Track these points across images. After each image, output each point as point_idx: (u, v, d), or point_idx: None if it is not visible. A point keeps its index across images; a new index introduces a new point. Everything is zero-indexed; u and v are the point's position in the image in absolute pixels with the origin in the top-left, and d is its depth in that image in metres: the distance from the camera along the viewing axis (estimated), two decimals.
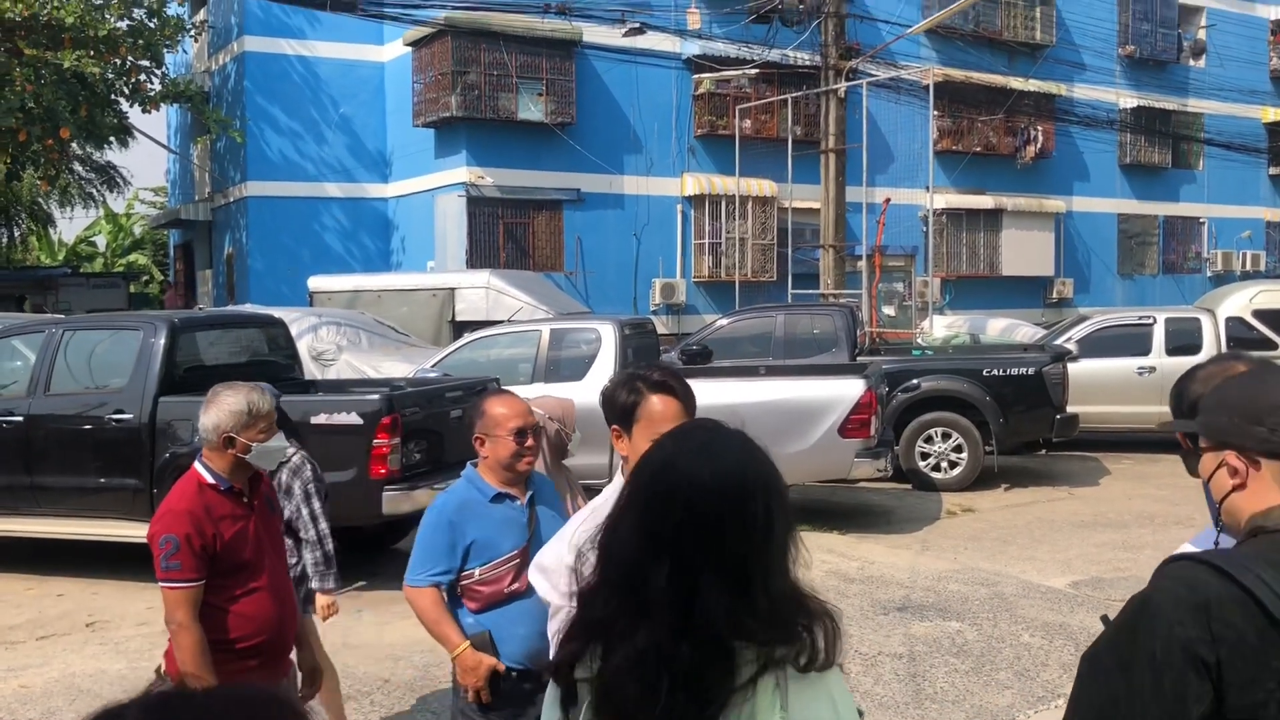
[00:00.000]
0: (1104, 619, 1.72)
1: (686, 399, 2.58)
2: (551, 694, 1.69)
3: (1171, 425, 2.02)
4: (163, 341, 7.78)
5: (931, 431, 11.14)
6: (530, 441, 3.32)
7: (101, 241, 37.06)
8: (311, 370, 10.95)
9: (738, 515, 1.53)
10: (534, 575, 2.65)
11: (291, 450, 4.47)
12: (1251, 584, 1.53)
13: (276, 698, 1.01)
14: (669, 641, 1.50)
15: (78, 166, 27.83)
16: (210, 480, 3.36)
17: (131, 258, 35.64)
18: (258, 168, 21.55)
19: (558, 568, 2.45)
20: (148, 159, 41.85)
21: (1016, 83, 24.55)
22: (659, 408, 2.53)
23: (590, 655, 1.58)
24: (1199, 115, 28.45)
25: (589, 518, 2.48)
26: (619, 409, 2.59)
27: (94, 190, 30.22)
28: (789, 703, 1.52)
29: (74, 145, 21.07)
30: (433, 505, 3.37)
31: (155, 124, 27.76)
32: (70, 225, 63.91)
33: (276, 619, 3.45)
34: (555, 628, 2.45)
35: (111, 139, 21.29)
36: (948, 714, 5.29)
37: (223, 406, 3.40)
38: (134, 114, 20.34)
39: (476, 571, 3.24)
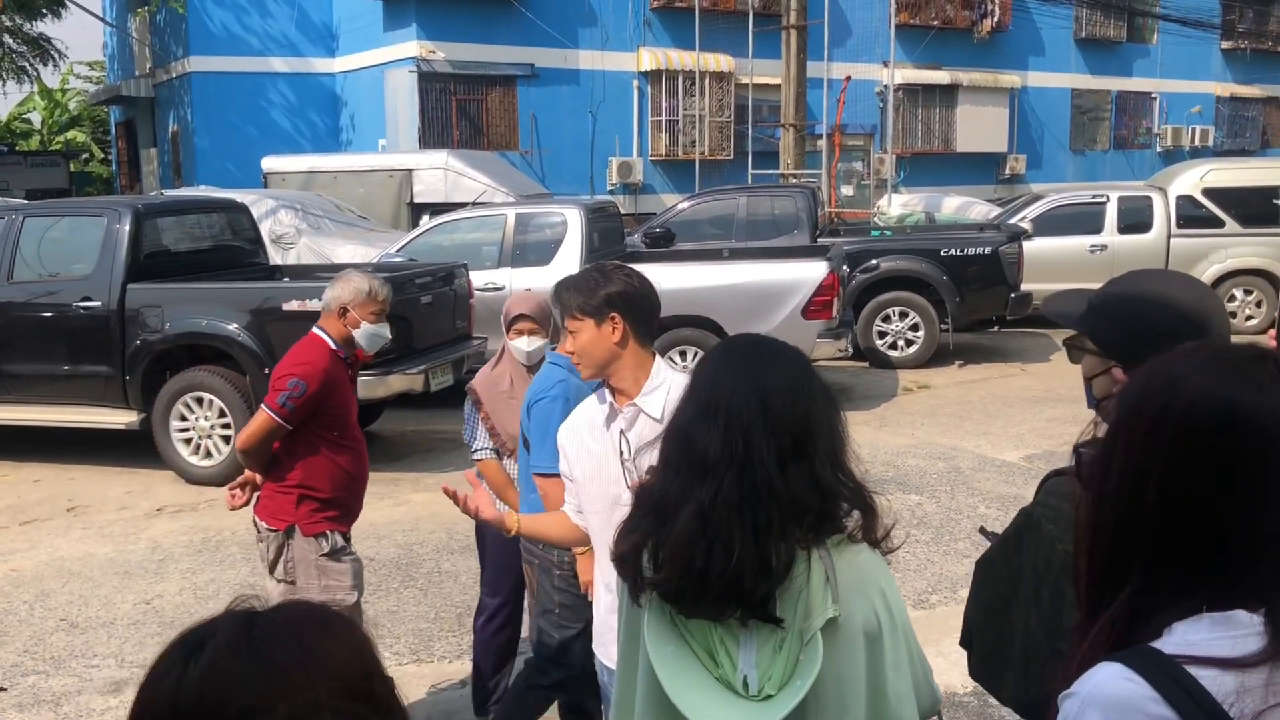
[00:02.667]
0: (981, 530, 1.85)
1: (546, 308, 2.78)
2: (621, 589, 1.77)
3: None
4: (128, 228, 7.71)
5: (889, 311, 11.37)
6: None
7: (37, 118, 35.79)
8: (272, 255, 10.87)
9: (789, 396, 1.65)
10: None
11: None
12: None
13: (338, 615, 1.12)
14: (734, 492, 1.59)
15: (8, 39, 26.69)
16: (332, 346, 3.84)
17: (69, 135, 34.51)
18: (200, 42, 20.85)
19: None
20: (82, 31, 40.17)
21: None
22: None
23: (649, 540, 1.66)
24: None
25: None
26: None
27: (27, 64, 29.06)
28: (840, 595, 1.62)
29: (3, 16, 20.21)
30: (559, 395, 3.23)
31: None
32: (2, 101, 61.47)
33: (361, 478, 3.94)
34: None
35: (44, 10, 20.44)
36: (911, 582, 5.59)
37: (348, 283, 3.88)
38: None
39: None
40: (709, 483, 1.60)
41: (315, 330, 3.91)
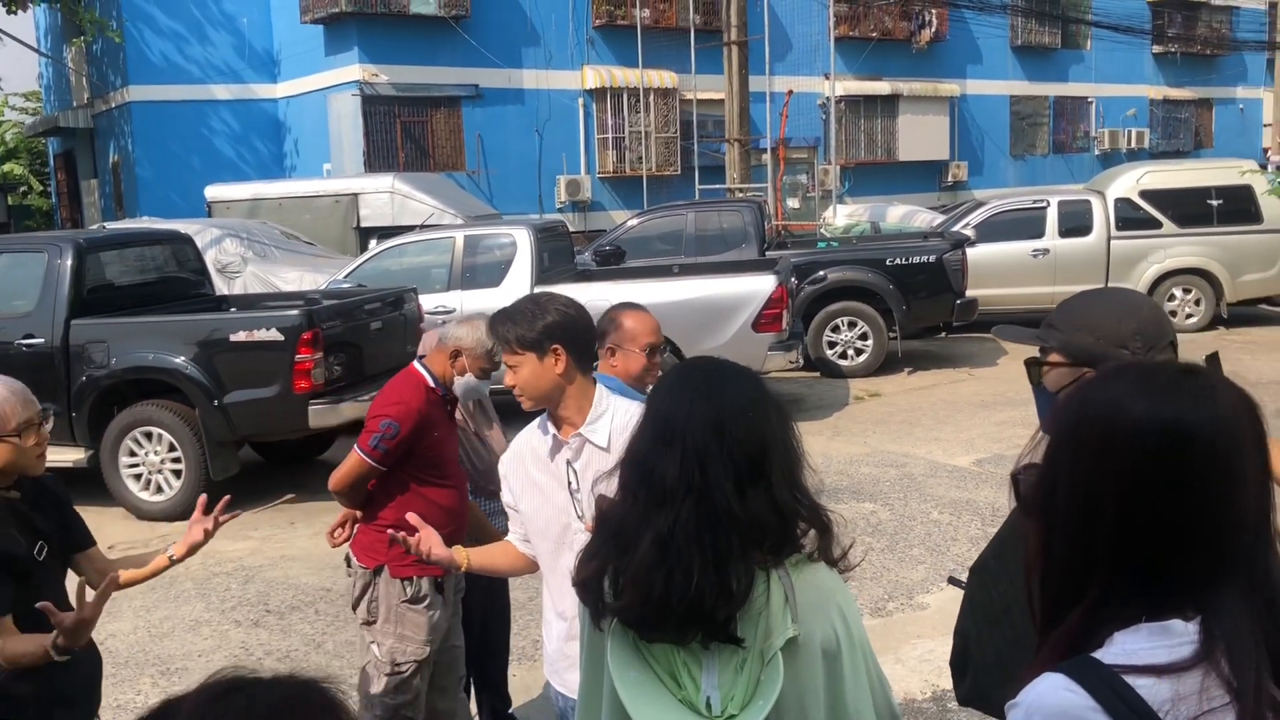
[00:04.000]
0: (951, 580, 1.87)
1: (500, 338, 2.69)
2: (583, 615, 1.79)
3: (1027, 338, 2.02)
4: (70, 263, 7.61)
5: (838, 321, 11.50)
6: (658, 359, 3.36)
7: None
8: (218, 285, 10.77)
9: (744, 418, 1.67)
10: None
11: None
12: None
13: (318, 688, 1.07)
14: (691, 519, 1.61)
15: None
16: (431, 383, 3.72)
17: (6, 168, 33.83)
18: (139, 71, 20.62)
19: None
20: (15, 62, 39.48)
21: None
22: None
23: (609, 567, 1.68)
24: None
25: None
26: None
27: None
28: (799, 615, 1.65)
29: None
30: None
31: (23, 24, 26.22)
32: None
33: (461, 518, 3.79)
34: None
35: None
36: (867, 589, 5.65)
37: (474, 329, 3.73)
38: None
39: None
40: (667, 510, 1.62)
41: (417, 365, 3.77)
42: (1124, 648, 1.18)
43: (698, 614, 1.59)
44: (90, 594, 2.53)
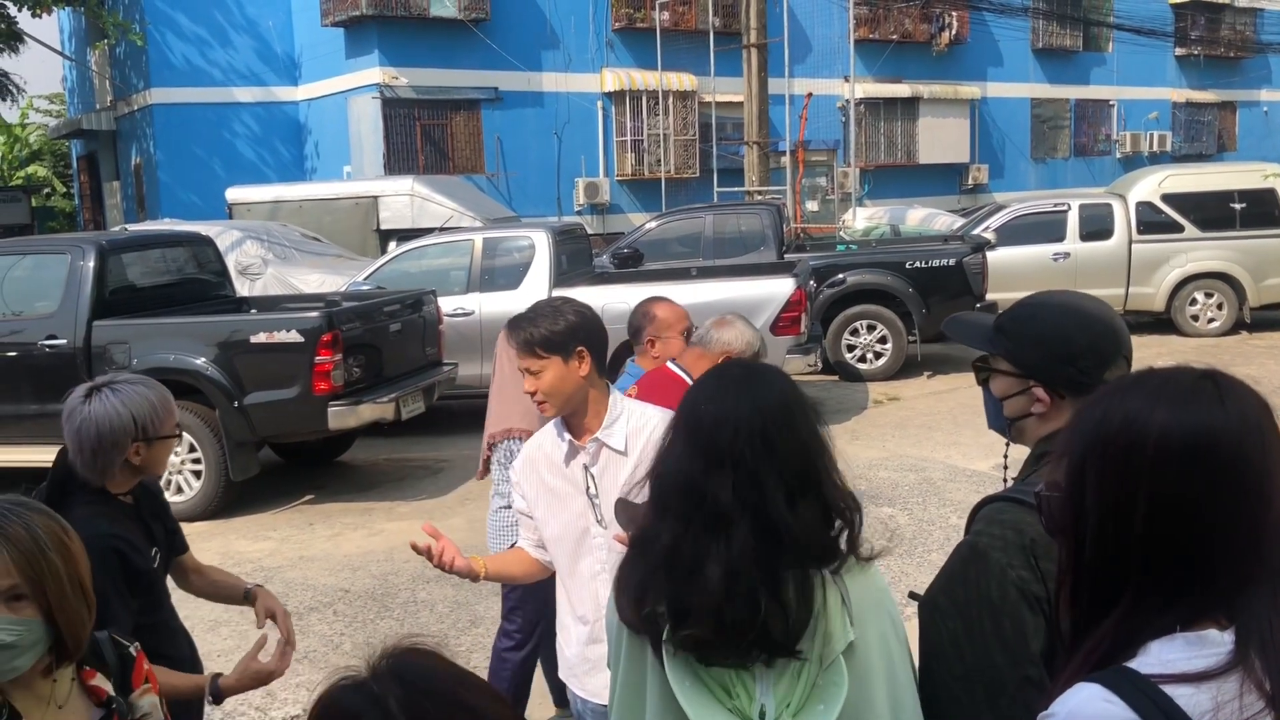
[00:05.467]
0: (911, 595, 1.83)
1: (522, 343, 2.63)
2: (629, 640, 1.70)
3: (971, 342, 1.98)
4: (92, 264, 7.67)
5: (857, 324, 11.46)
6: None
7: None
8: (239, 286, 10.83)
9: (788, 428, 1.63)
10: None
11: None
12: None
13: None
14: (750, 542, 1.56)
15: None
16: (686, 380, 3.68)
17: (30, 170, 34.18)
18: (161, 74, 20.77)
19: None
20: (41, 65, 39.83)
21: None
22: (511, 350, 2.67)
23: (655, 591, 1.61)
24: None
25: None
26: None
27: None
28: (857, 618, 1.63)
29: None
30: None
31: (47, 28, 26.47)
32: None
33: None
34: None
35: (1, 45, 20.27)
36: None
37: (739, 333, 3.70)
38: (23, 18, 19.38)
39: None
40: (725, 536, 1.57)
41: (674, 368, 3.69)
42: (1160, 657, 1.17)
43: (764, 638, 1.57)
44: (271, 644, 2.57)
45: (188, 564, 2.95)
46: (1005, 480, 1.93)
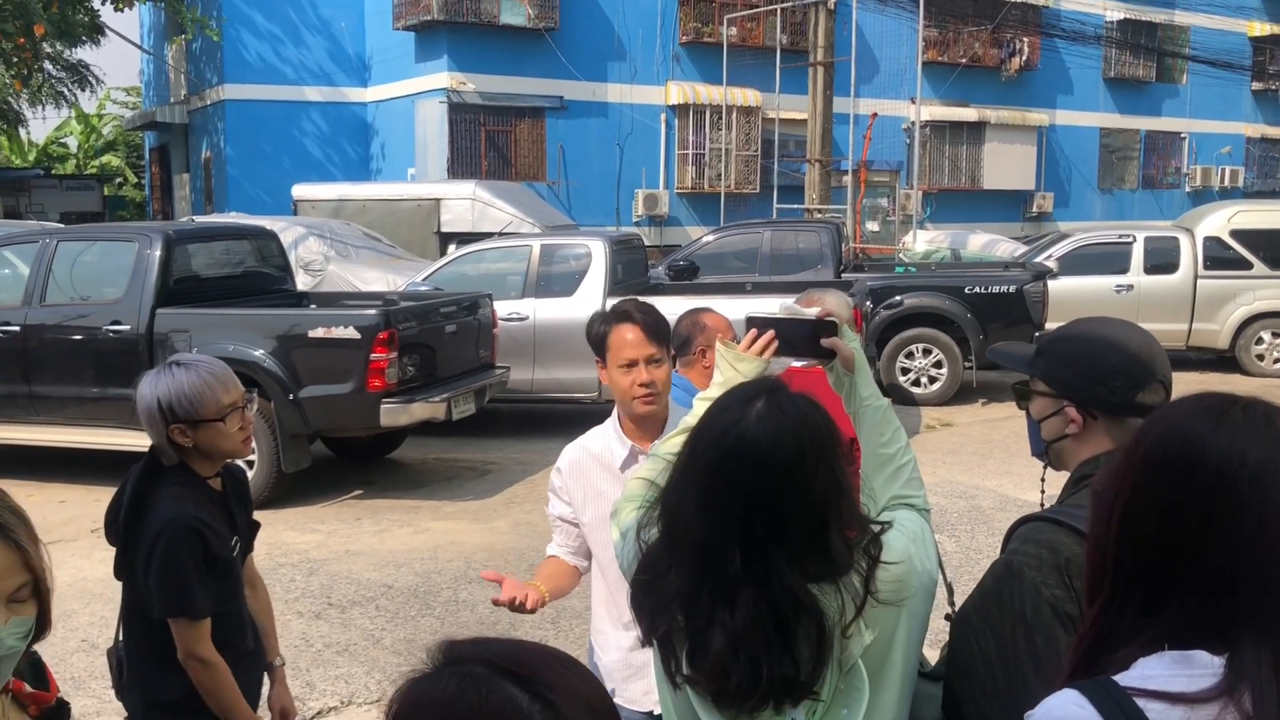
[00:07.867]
0: (946, 617, 1.81)
1: (649, 326, 2.60)
2: (655, 660, 1.69)
3: (1011, 363, 2.04)
4: (158, 253, 7.82)
5: (912, 347, 11.35)
6: None
7: (73, 143, 36.38)
8: (301, 282, 10.99)
9: (796, 488, 1.54)
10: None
11: None
12: None
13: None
14: (754, 611, 1.52)
15: (48, 65, 27.18)
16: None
17: (104, 159, 35.05)
18: (235, 70, 21.19)
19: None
20: (120, 58, 40.88)
21: None
22: (624, 336, 2.59)
23: (679, 637, 1.58)
24: (1185, 29, 28.32)
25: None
26: (593, 341, 2.68)
27: (65, 90, 29.57)
28: (870, 620, 1.59)
29: (44, 43, 20.56)
30: None
31: (128, 22, 27.09)
32: (41, 125, 62.46)
33: None
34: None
35: (83, 37, 20.80)
36: (930, 622, 5.55)
37: (843, 302, 3.65)
38: (105, 11, 19.88)
39: None
40: (730, 604, 1.53)
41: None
42: (1143, 672, 1.19)
43: (775, 693, 1.54)
44: None
45: (247, 571, 2.87)
46: (1042, 504, 1.95)
